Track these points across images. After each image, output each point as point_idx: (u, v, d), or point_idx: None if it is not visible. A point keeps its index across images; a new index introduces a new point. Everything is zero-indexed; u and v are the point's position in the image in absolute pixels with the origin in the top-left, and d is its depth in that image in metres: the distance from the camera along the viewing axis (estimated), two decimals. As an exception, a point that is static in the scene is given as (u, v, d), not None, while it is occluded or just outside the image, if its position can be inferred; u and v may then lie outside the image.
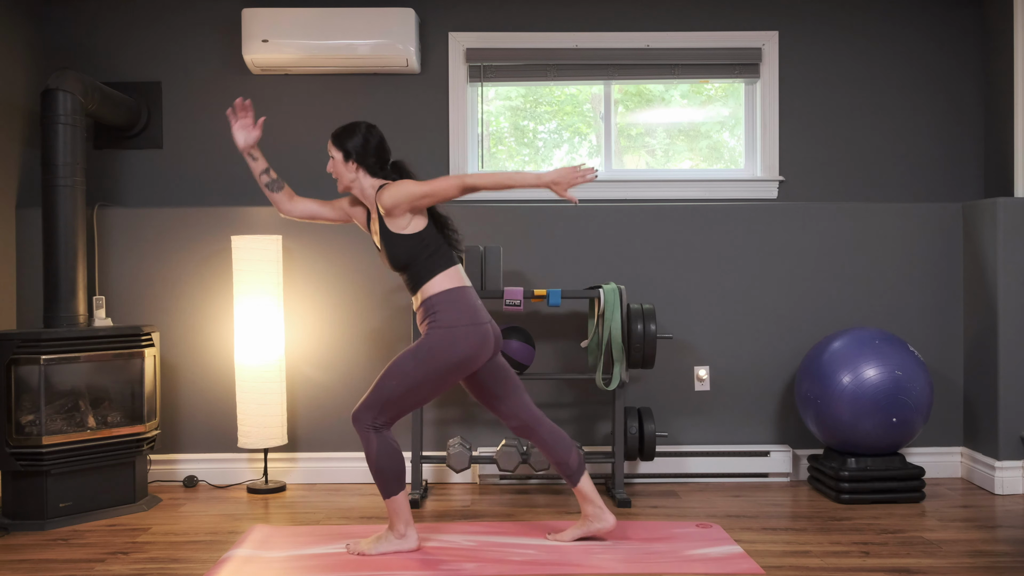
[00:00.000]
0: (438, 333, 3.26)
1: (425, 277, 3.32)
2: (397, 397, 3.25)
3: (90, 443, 3.91)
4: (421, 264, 3.32)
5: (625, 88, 4.83)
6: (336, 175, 3.42)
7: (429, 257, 3.32)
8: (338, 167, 3.40)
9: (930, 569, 3.18)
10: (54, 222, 4.02)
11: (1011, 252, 4.22)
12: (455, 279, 3.34)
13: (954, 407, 4.52)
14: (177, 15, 4.67)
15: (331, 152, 3.41)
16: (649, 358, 4.14)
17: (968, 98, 4.73)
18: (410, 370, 3.24)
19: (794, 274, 4.53)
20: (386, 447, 3.27)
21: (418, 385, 3.26)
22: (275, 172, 3.56)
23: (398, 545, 3.35)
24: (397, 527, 3.35)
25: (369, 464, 3.29)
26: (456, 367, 3.27)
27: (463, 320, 3.27)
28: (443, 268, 3.33)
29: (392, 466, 3.28)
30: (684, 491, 4.30)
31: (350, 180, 3.40)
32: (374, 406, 3.26)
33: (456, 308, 3.28)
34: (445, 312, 3.27)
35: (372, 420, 3.26)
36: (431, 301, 3.30)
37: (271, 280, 4.28)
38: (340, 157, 3.38)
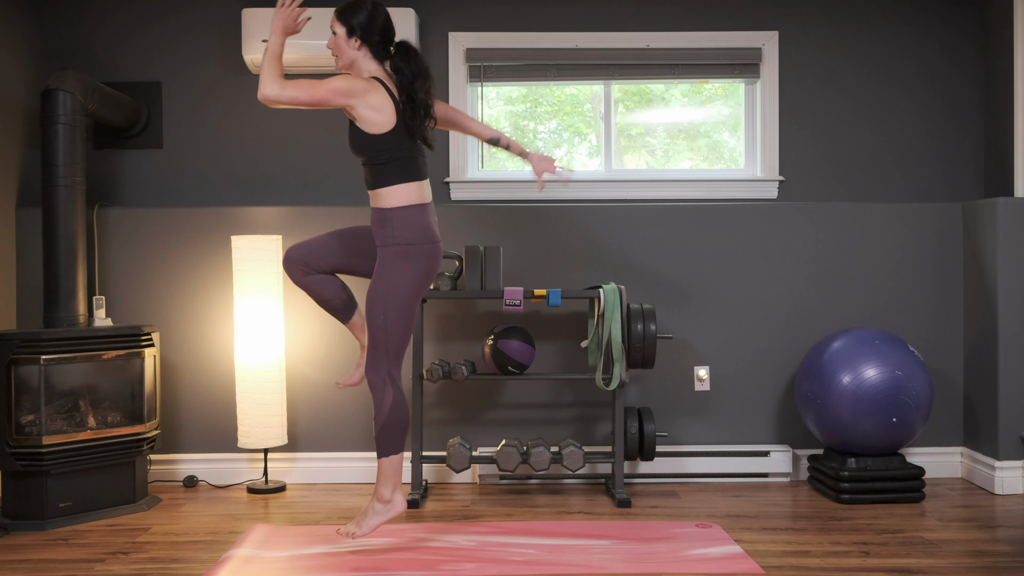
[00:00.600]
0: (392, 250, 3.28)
1: (383, 181, 3.29)
2: (390, 333, 3.28)
3: (90, 443, 3.91)
4: (379, 165, 3.28)
5: (625, 88, 4.83)
6: (336, 52, 3.31)
7: (388, 163, 3.27)
8: (340, 43, 3.29)
9: (930, 569, 3.18)
10: (54, 222, 4.02)
11: (1011, 252, 4.22)
12: (415, 194, 3.31)
13: (954, 407, 4.52)
14: (177, 15, 4.67)
15: (333, 27, 3.28)
16: (649, 358, 4.14)
17: (968, 98, 4.73)
18: (384, 296, 3.27)
19: (794, 274, 4.53)
20: (401, 402, 3.31)
21: (400, 313, 3.28)
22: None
23: (387, 512, 3.35)
24: (383, 492, 3.34)
25: (378, 420, 3.30)
26: (421, 284, 3.33)
27: (420, 239, 3.29)
28: (403, 179, 3.29)
29: (401, 422, 3.31)
30: (684, 491, 4.30)
31: (350, 59, 3.31)
32: (379, 356, 3.29)
33: (413, 226, 3.29)
34: (402, 231, 3.28)
35: (387, 368, 3.30)
36: (387, 214, 3.29)
37: (271, 280, 4.28)
38: (343, 33, 3.28)
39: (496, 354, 4.11)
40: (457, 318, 4.49)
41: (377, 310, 3.28)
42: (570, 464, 4.12)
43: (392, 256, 3.29)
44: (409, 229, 3.28)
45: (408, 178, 3.30)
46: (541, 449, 4.12)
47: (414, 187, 3.31)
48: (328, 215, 4.48)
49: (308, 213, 4.49)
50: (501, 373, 4.17)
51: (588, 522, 3.76)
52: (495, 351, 4.11)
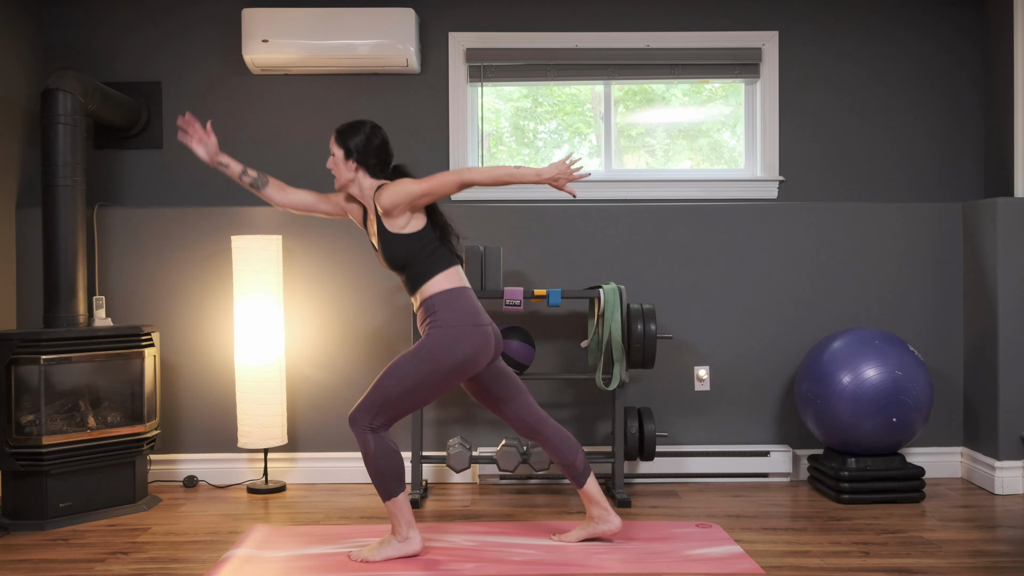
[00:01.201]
0: (438, 333, 3.23)
1: (424, 277, 3.29)
2: (395, 399, 3.21)
3: (90, 443, 3.91)
4: (420, 264, 3.29)
5: (625, 88, 4.83)
6: (335, 172, 3.39)
7: (428, 257, 3.29)
8: (338, 164, 3.36)
9: (930, 569, 3.18)
10: (54, 222, 4.02)
11: (1011, 252, 4.22)
12: (455, 279, 3.31)
13: (954, 407, 4.52)
14: (177, 15, 4.67)
15: (332, 148, 3.37)
16: (649, 358, 4.14)
17: (968, 98, 4.73)
18: (410, 371, 3.21)
19: (794, 274, 4.53)
20: (384, 448, 3.21)
21: (417, 387, 3.22)
22: (253, 170, 3.47)
23: (401, 549, 3.29)
24: (399, 530, 3.29)
25: (367, 466, 3.24)
26: (456, 369, 3.24)
27: (464, 320, 3.24)
28: (443, 268, 3.30)
29: (391, 467, 3.22)
30: (684, 491, 4.30)
31: (348, 179, 3.37)
32: (371, 408, 3.21)
33: (456, 308, 3.25)
34: (445, 312, 3.24)
35: (369, 422, 3.21)
36: (430, 301, 3.27)
37: (271, 280, 4.28)
38: (341, 155, 3.35)
39: (496, 354, 4.11)
40: (457, 318, 4.48)
41: (391, 375, 3.22)
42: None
43: (435, 338, 3.23)
44: (453, 311, 3.25)
45: (447, 265, 3.32)
46: (541, 449, 4.12)
47: (454, 272, 3.33)
48: (328, 215, 4.48)
49: (308, 213, 4.49)
50: (501, 373, 4.16)
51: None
52: (495, 351, 4.11)
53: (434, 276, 3.29)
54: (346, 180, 3.38)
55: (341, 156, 3.35)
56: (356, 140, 3.34)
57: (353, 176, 3.36)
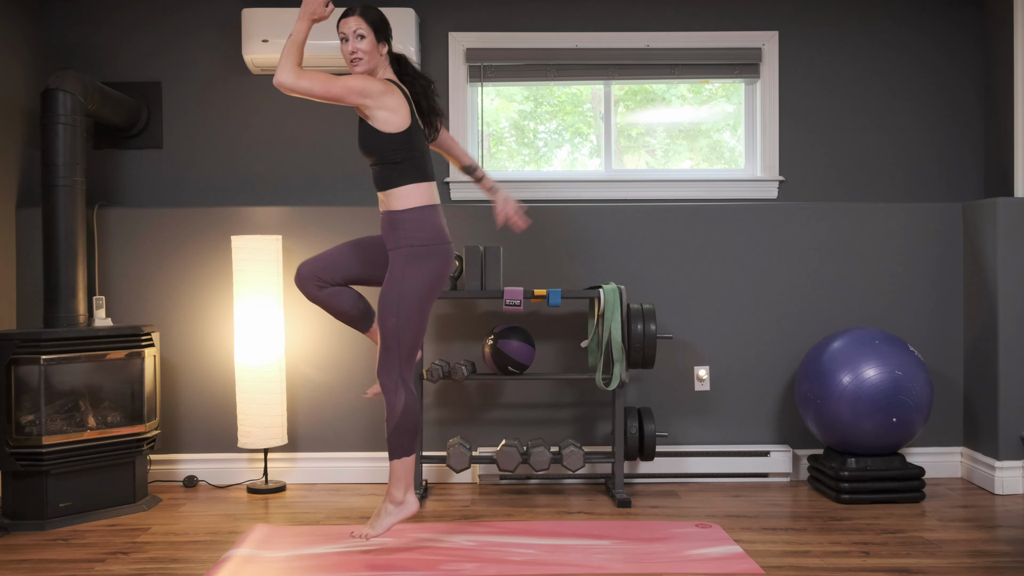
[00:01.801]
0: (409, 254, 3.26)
1: (393, 181, 3.29)
2: (405, 329, 3.27)
3: (90, 443, 3.91)
4: (389, 164, 3.28)
5: (625, 88, 4.83)
6: (361, 54, 3.25)
7: (399, 163, 3.27)
8: (369, 49, 3.25)
9: (930, 569, 3.18)
10: (54, 222, 4.02)
11: (1011, 252, 4.22)
12: (425, 195, 3.31)
13: (954, 407, 4.52)
14: (177, 15, 4.67)
15: (361, 30, 3.23)
16: (649, 358, 4.14)
17: (968, 98, 4.73)
18: (399, 303, 3.26)
19: (794, 274, 4.53)
20: (411, 404, 3.30)
21: (412, 314, 3.28)
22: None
23: (400, 513, 3.34)
24: (396, 494, 3.33)
25: (389, 422, 3.29)
26: (433, 286, 3.31)
27: (432, 239, 3.29)
28: (414, 180, 3.29)
29: (412, 424, 3.30)
30: (684, 491, 4.30)
31: (375, 64, 3.29)
32: (393, 354, 3.28)
33: (425, 227, 3.28)
34: (414, 231, 3.27)
35: (400, 370, 3.29)
36: (398, 216, 3.29)
37: (271, 280, 4.28)
38: (373, 38, 3.26)
39: (496, 354, 4.11)
40: (457, 318, 4.49)
41: (389, 313, 3.28)
42: (570, 464, 4.12)
43: (404, 258, 3.28)
44: (421, 230, 3.28)
45: (419, 179, 3.31)
46: (541, 449, 4.12)
47: (425, 188, 3.32)
48: (328, 215, 4.48)
49: (308, 213, 4.49)
50: (501, 373, 4.17)
51: (588, 522, 3.76)
52: (495, 351, 4.11)
53: (404, 185, 3.29)
54: (372, 65, 3.29)
55: (373, 39, 3.26)
56: (384, 23, 3.30)
57: (379, 62, 3.30)
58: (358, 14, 3.27)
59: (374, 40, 3.27)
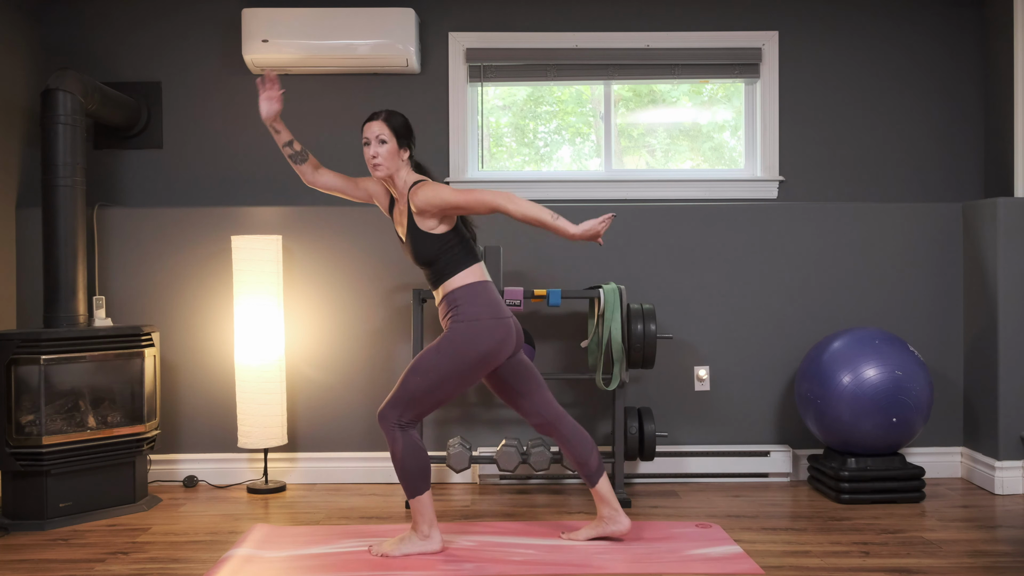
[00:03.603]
0: (461, 327, 3.24)
1: (449, 273, 3.30)
2: (422, 393, 3.23)
3: (90, 443, 3.91)
4: (445, 261, 3.30)
5: (626, 88, 4.83)
6: (381, 160, 3.29)
7: (454, 255, 3.30)
8: (390, 152, 3.29)
9: (930, 569, 3.18)
10: (54, 222, 4.02)
11: (1011, 252, 4.22)
12: (478, 274, 3.32)
13: (954, 407, 4.52)
14: (177, 15, 4.67)
15: (383, 135, 3.27)
16: (649, 358, 4.14)
17: (968, 98, 4.73)
18: (435, 365, 3.22)
19: (794, 274, 4.53)
20: (412, 446, 3.25)
21: (443, 380, 3.23)
22: (299, 144, 3.45)
23: (421, 547, 3.32)
24: (421, 528, 3.32)
25: (395, 463, 3.27)
26: (480, 361, 3.25)
27: (486, 314, 3.25)
28: (467, 264, 3.31)
29: (417, 465, 3.26)
30: (684, 491, 4.30)
31: (395, 169, 3.32)
32: (399, 404, 3.24)
33: (478, 302, 3.26)
34: (467, 306, 3.25)
35: (398, 418, 3.24)
36: (453, 295, 3.28)
37: (271, 280, 4.28)
38: (395, 144, 3.29)
39: (496, 354, 4.11)
40: (457, 318, 4.48)
41: (417, 372, 3.23)
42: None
43: (458, 332, 3.24)
44: (475, 305, 3.26)
45: (472, 261, 3.32)
46: (541, 449, 4.12)
47: (477, 268, 3.33)
48: (328, 215, 4.48)
49: (308, 213, 4.49)
50: (501, 373, 4.16)
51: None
52: (495, 351, 4.11)
53: (458, 272, 3.30)
54: (394, 170, 3.32)
55: (395, 146, 3.29)
56: (406, 128, 3.33)
57: (399, 166, 3.33)
58: (382, 119, 3.30)
59: (395, 146, 3.29)
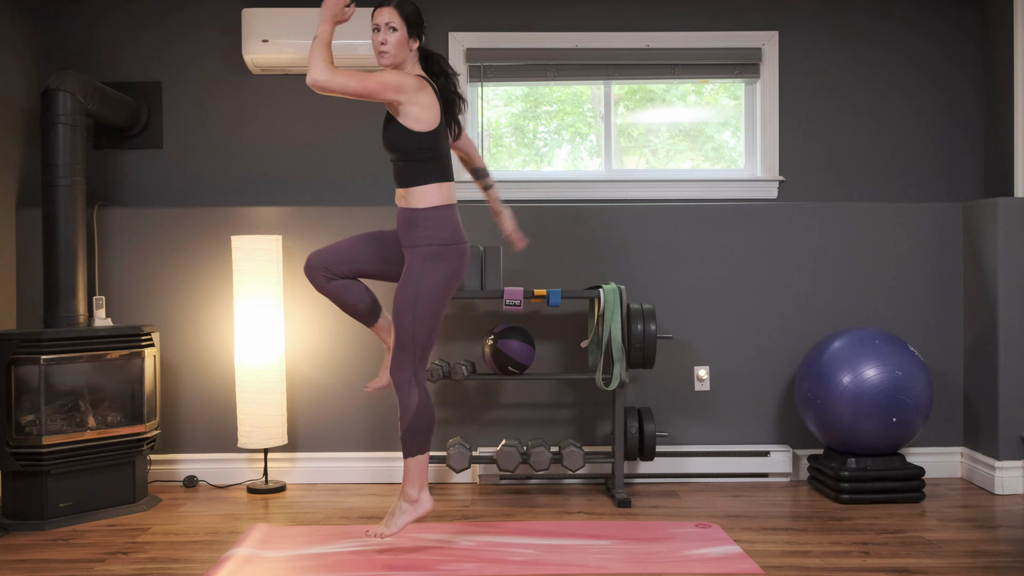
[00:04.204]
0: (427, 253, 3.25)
1: (415, 179, 3.27)
2: (420, 328, 3.26)
3: (90, 443, 3.91)
4: (411, 162, 3.26)
5: (626, 87, 4.83)
6: (388, 48, 3.22)
7: (422, 161, 3.26)
8: (400, 42, 3.22)
9: (930, 569, 3.18)
10: (54, 222, 4.02)
11: (1011, 252, 4.22)
12: (445, 195, 3.31)
13: (954, 407, 4.52)
14: (177, 15, 4.67)
15: (393, 23, 3.20)
16: (649, 358, 4.14)
17: (968, 98, 4.73)
18: (416, 302, 3.25)
19: (794, 274, 4.53)
20: (425, 402, 3.29)
21: (429, 313, 3.27)
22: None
23: (415, 512, 3.34)
24: (410, 492, 3.32)
25: (403, 420, 3.28)
26: (450, 284, 3.31)
27: (451, 239, 3.29)
28: (435, 179, 3.28)
29: (426, 422, 3.29)
30: (684, 491, 4.30)
31: (404, 59, 3.26)
32: (407, 353, 3.27)
33: (444, 226, 3.28)
34: (434, 230, 3.27)
35: (414, 368, 3.28)
36: (418, 214, 3.27)
37: (271, 280, 4.28)
38: (405, 31, 3.23)
39: (496, 354, 4.11)
40: (457, 318, 4.49)
41: (405, 312, 3.26)
42: (570, 464, 4.12)
43: (422, 257, 3.27)
44: (440, 229, 3.28)
45: (442, 178, 3.30)
46: (541, 449, 4.12)
47: (446, 187, 3.31)
48: (328, 215, 4.48)
49: (308, 213, 4.49)
50: (501, 373, 4.17)
51: (588, 522, 3.76)
52: (495, 351, 4.11)
53: (425, 184, 3.27)
54: (401, 59, 3.25)
55: (405, 32, 3.23)
56: (419, 17, 3.27)
57: (408, 56, 3.28)
58: (392, 5, 3.24)
59: (405, 34, 3.24)
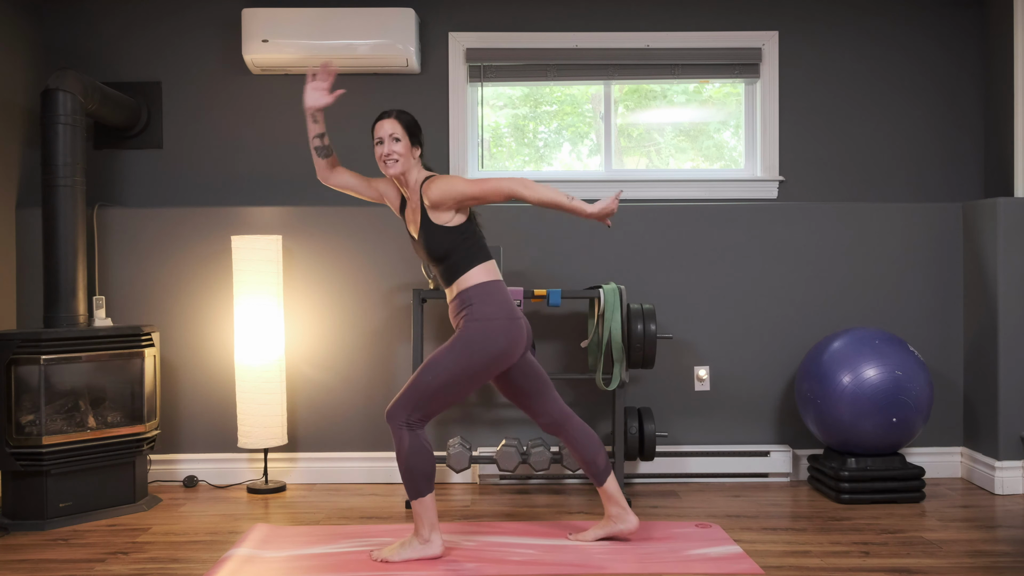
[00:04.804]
0: (474, 326, 3.22)
1: (462, 269, 3.29)
2: (433, 392, 3.21)
3: (90, 443, 3.91)
4: (459, 256, 3.28)
5: (626, 87, 4.83)
6: (398, 156, 3.28)
7: (468, 250, 3.29)
8: (404, 151, 3.29)
9: (930, 569, 3.18)
10: (54, 222, 4.03)
11: (1011, 252, 4.22)
12: (491, 272, 3.31)
13: (954, 407, 4.52)
14: (177, 15, 4.67)
15: (396, 133, 3.28)
16: (649, 358, 4.14)
17: (968, 98, 4.73)
18: (447, 365, 3.20)
19: (794, 274, 4.53)
20: (418, 446, 3.22)
21: (455, 380, 3.21)
22: (328, 139, 3.41)
23: (422, 551, 3.28)
24: (421, 532, 3.29)
25: (399, 462, 3.24)
26: (492, 361, 3.24)
27: (499, 314, 3.24)
28: (480, 260, 3.30)
29: (422, 466, 3.23)
30: (684, 491, 4.30)
31: (409, 166, 3.32)
32: (409, 403, 3.22)
33: (492, 301, 3.25)
34: (481, 305, 3.24)
35: (407, 417, 3.22)
36: (467, 294, 3.27)
37: (271, 280, 4.28)
38: (408, 142, 3.30)
39: (496, 354, 4.11)
40: (457, 318, 4.48)
41: (430, 371, 3.21)
42: (570, 464, 4.12)
43: (470, 330, 3.23)
44: (489, 304, 3.24)
45: (485, 258, 3.31)
46: (541, 449, 4.12)
47: (491, 265, 3.32)
48: (328, 215, 4.48)
49: (308, 213, 4.49)
50: (501, 373, 4.16)
51: (588, 522, 3.76)
52: (495, 351, 4.11)
53: (472, 268, 3.29)
54: (407, 168, 3.31)
55: (408, 144, 3.30)
56: (416, 126, 3.33)
57: (412, 165, 3.33)
58: (393, 117, 3.31)
59: (408, 143, 3.30)
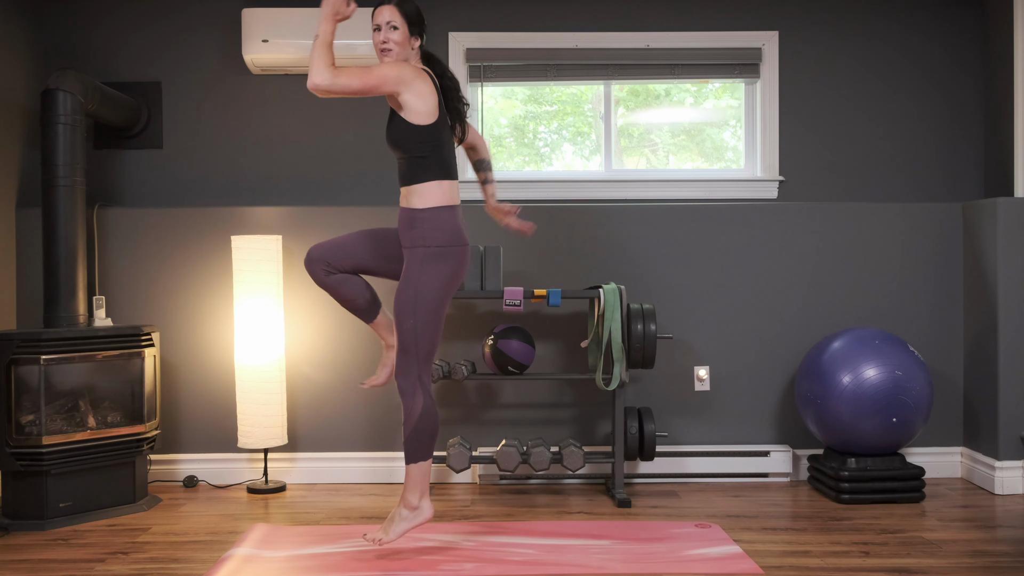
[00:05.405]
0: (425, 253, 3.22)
1: (415, 177, 3.25)
2: (422, 332, 3.22)
3: (90, 443, 3.91)
4: (412, 159, 3.24)
5: (626, 87, 4.83)
6: (392, 45, 3.22)
7: (423, 157, 3.23)
8: (402, 40, 3.22)
9: (930, 569, 3.18)
10: (54, 222, 4.03)
11: (1011, 252, 4.22)
12: (445, 195, 3.27)
13: (954, 407, 4.52)
14: (177, 15, 4.67)
15: (394, 21, 3.20)
16: (649, 358, 4.14)
17: (968, 98, 4.73)
18: (416, 298, 3.22)
19: (794, 274, 4.53)
20: (430, 408, 3.25)
21: (429, 310, 3.24)
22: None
23: (414, 519, 3.30)
24: (410, 500, 3.29)
25: (407, 425, 3.25)
26: (449, 286, 3.28)
27: (451, 241, 3.25)
28: (435, 177, 3.25)
29: (430, 427, 3.26)
30: (684, 491, 4.30)
31: (405, 57, 3.26)
32: (411, 357, 3.24)
33: (443, 229, 3.24)
34: (432, 232, 3.23)
35: (419, 373, 3.24)
36: (417, 214, 3.25)
37: (271, 280, 4.28)
38: (406, 30, 3.23)
39: (496, 354, 4.11)
40: (457, 318, 4.49)
41: (406, 315, 3.24)
42: (570, 464, 4.12)
43: (420, 259, 3.24)
44: (439, 231, 3.24)
45: (443, 176, 3.27)
46: (541, 449, 4.12)
47: (448, 186, 3.28)
48: (328, 215, 4.48)
49: (308, 213, 4.49)
50: (501, 373, 4.17)
51: (588, 522, 3.76)
52: (495, 351, 4.11)
53: (426, 182, 3.25)
54: (403, 57, 3.25)
55: (406, 31, 3.23)
56: (419, 16, 3.27)
57: (410, 55, 3.27)
58: (393, 4, 3.24)
59: (407, 32, 3.24)
